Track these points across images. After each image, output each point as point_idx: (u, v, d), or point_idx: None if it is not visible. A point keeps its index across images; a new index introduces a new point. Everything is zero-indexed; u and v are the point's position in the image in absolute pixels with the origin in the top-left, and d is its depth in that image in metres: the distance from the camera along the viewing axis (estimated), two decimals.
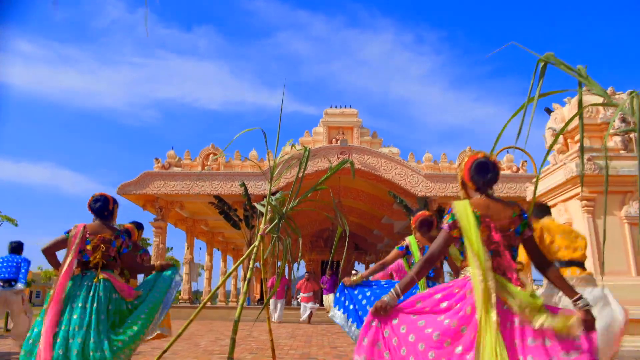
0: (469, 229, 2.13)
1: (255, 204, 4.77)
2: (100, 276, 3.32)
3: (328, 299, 13.30)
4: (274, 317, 12.94)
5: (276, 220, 4.36)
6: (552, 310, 2.05)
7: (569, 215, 7.29)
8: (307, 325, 12.15)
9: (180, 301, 18.23)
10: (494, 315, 1.94)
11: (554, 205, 7.72)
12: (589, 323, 2.01)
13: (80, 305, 3.16)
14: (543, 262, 2.30)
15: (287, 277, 14.46)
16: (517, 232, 2.21)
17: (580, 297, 2.10)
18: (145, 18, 2.22)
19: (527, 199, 8.49)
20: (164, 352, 4.00)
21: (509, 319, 2.00)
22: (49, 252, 3.49)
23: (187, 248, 20.13)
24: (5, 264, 6.61)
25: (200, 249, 21.24)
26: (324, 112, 18.65)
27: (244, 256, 4.18)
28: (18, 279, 6.53)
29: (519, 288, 2.06)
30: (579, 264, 3.43)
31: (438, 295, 2.16)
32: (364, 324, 2.24)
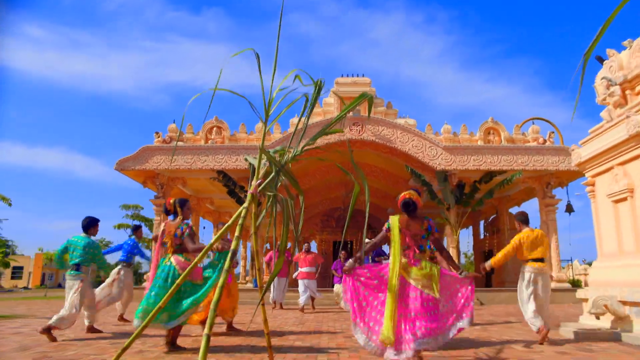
0: (395, 234, 4.04)
1: (247, 157, 3.67)
2: (171, 259, 4.70)
3: (339, 288, 11.35)
4: (271, 297, 11.22)
5: (272, 174, 3.25)
6: (444, 273, 4.11)
7: (630, 179, 6.08)
8: (317, 310, 11.01)
9: None
10: (395, 279, 3.84)
11: (609, 169, 6.51)
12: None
13: (158, 278, 4.60)
14: (442, 250, 4.30)
15: (289, 250, 12.45)
16: (423, 237, 4.03)
17: (462, 271, 4.20)
18: None
19: (574, 164, 7.27)
20: (132, 340, 2.95)
21: (403, 282, 3.90)
22: (155, 242, 5.22)
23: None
24: (126, 248, 7.68)
25: (204, 227, 20.29)
26: (335, 82, 17.40)
27: (229, 222, 3.09)
28: (130, 261, 7.64)
29: (414, 267, 3.93)
30: (540, 260, 5.53)
31: (381, 267, 4.18)
32: (342, 279, 4.29)
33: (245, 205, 3.11)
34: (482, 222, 22.98)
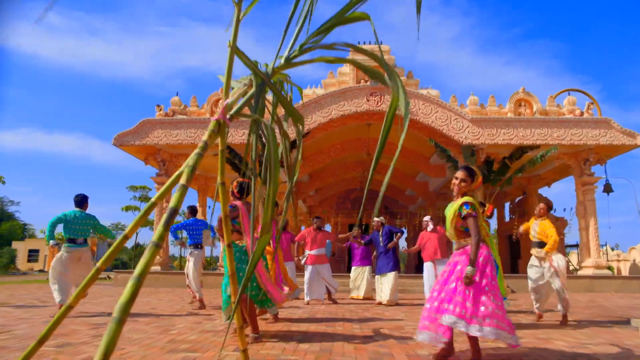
0: None
1: (219, 76, 2.41)
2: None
3: (362, 273, 9.30)
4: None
5: (253, 90, 1.99)
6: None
7: None
8: (329, 301, 9.36)
9: None
10: None
11: None
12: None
13: None
14: None
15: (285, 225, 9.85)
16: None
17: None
18: None
19: None
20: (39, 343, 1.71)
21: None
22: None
23: (199, 208, 18.09)
24: (194, 230, 7.63)
25: (209, 207, 19.15)
26: (350, 51, 15.98)
27: (181, 167, 1.84)
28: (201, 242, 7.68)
29: None
30: (543, 244, 6.16)
31: None
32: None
33: (205, 138, 1.85)
34: (507, 204, 21.56)
